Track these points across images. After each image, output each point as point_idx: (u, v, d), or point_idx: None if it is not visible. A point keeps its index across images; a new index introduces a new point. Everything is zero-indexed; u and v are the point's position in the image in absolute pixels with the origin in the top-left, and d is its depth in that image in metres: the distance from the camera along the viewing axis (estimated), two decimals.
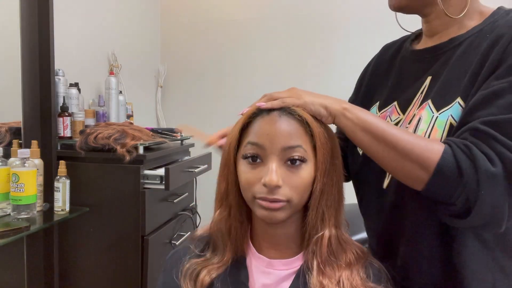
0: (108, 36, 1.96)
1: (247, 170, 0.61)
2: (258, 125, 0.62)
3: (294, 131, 0.60)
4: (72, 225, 1.35)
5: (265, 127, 0.61)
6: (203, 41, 2.43)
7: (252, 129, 0.62)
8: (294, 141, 0.60)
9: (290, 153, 0.59)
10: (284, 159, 0.60)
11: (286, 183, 0.59)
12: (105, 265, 1.35)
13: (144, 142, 1.39)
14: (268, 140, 0.60)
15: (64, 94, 1.45)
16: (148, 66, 2.42)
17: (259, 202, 0.60)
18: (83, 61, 1.77)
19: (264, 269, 0.65)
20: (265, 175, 0.58)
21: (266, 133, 0.60)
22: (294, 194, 0.60)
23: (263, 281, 0.65)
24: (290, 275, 0.64)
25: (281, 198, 0.59)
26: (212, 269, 0.65)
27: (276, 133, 0.60)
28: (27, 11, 1.29)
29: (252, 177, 0.60)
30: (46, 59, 1.32)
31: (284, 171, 0.59)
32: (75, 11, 1.71)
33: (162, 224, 1.48)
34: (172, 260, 0.71)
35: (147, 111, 2.43)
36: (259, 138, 0.60)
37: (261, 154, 0.60)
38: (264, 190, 0.59)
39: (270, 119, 0.61)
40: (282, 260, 0.65)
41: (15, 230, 1.05)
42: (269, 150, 0.59)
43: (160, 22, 2.53)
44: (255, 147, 0.60)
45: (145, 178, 1.35)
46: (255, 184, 0.60)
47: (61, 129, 1.41)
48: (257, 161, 0.61)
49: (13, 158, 1.18)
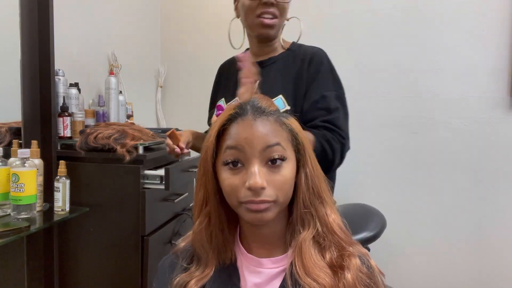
0: (108, 36, 1.96)
1: (229, 176, 0.61)
2: (234, 130, 0.62)
3: (270, 130, 0.61)
4: (72, 225, 1.35)
5: (242, 131, 0.61)
6: (203, 41, 2.43)
7: (228, 135, 0.62)
8: (272, 139, 0.60)
9: (270, 152, 0.60)
10: (265, 160, 0.60)
11: (270, 184, 0.60)
12: (105, 265, 1.35)
13: (144, 142, 1.39)
14: (247, 143, 0.60)
15: (64, 94, 1.45)
16: (148, 66, 2.42)
17: (246, 206, 0.60)
18: (83, 61, 1.77)
19: (255, 268, 0.66)
20: (248, 179, 0.59)
21: (244, 136, 0.61)
22: (279, 193, 0.61)
23: (254, 280, 0.65)
24: (280, 273, 0.65)
25: (268, 199, 0.59)
26: (199, 279, 0.65)
27: (253, 135, 0.60)
28: (27, 11, 1.29)
29: (235, 182, 0.61)
30: (46, 59, 1.32)
31: (266, 172, 0.60)
32: (75, 11, 1.71)
33: (162, 224, 1.48)
34: (163, 267, 0.72)
35: (147, 111, 2.43)
36: (237, 142, 0.61)
37: (241, 159, 0.61)
38: (249, 194, 0.59)
39: (246, 123, 0.62)
40: (272, 258, 0.66)
41: (15, 230, 1.05)
42: (249, 153, 0.60)
43: (160, 22, 2.53)
44: (234, 151, 0.61)
45: (145, 178, 1.35)
46: (239, 189, 0.60)
47: (61, 129, 1.41)
48: (238, 165, 0.61)
49: (13, 158, 1.18)
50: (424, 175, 2.06)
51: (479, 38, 1.95)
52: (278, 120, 0.63)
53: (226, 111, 0.65)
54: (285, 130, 0.63)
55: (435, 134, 2.03)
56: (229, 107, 0.66)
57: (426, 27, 2.03)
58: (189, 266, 0.68)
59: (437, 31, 2.01)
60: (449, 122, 2.01)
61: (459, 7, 1.97)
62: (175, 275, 0.68)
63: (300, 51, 1.10)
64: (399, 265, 2.09)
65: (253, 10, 1.04)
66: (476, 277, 2.00)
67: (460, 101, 1.99)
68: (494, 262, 1.98)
